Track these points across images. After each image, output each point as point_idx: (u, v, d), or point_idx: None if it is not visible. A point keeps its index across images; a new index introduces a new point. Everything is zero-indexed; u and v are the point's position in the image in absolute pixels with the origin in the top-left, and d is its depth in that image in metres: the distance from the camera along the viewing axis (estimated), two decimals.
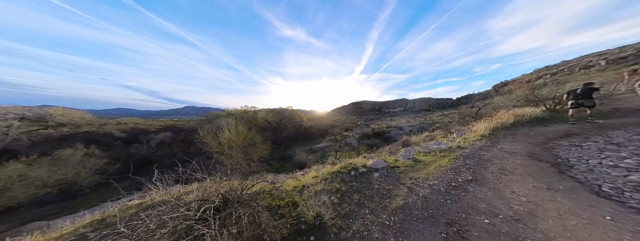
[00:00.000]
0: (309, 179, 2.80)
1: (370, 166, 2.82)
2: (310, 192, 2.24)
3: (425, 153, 3.22)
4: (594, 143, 2.74)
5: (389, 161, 3.16)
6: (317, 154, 14.38)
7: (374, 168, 2.75)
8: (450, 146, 3.34)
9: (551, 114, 5.33)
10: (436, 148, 3.33)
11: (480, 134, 3.81)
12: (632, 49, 17.10)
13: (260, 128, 22.62)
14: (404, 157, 3.09)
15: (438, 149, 3.22)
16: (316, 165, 5.68)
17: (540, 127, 4.06)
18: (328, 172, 2.86)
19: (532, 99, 6.26)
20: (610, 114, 4.93)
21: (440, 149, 3.18)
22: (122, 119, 20.02)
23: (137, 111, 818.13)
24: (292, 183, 3.00)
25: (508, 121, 4.63)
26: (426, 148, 3.57)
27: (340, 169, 2.80)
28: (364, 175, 2.54)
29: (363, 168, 2.81)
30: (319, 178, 2.77)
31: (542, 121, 4.65)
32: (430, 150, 3.30)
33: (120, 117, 21.18)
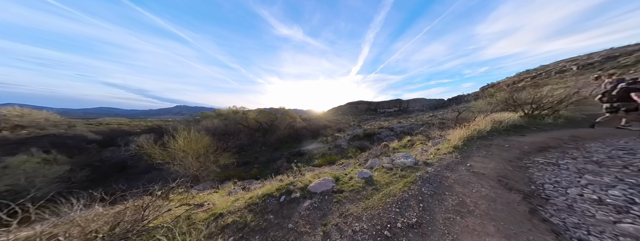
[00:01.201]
0: (241, 202, 2.27)
1: (309, 189, 2.31)
2: (217, 225, 1.72)
3: (388, 169, 2.73)
4: (572, 160, 2.32)
5: (341, 178, 2.65)
6: (304, 157, 13.82)
7: (313, 192, 2.24)
8: (417, 161, 2.85)
9: (529, 121, 5.00)
10: (402, 162, 2.84)
11: (453, 144, 3.36)
12: (598, 56, 18.31)
13: (251, 129, 21.84)
14: (360, 175, 2.59)
15: (403, 165, 2.74)
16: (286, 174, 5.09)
17: (517, 137, 3.66)
18: (261, 194, 2.34)
19: (511, 104, 5.95)
20: (586, 121, 4.64)
21: (405, 166, 2.69)
22: (104, 119, 18.74)
23: (122, 111, 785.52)
24: (223, 203, 2.45)
25: (485, 129, 4.23)
26: (392, 161, 3.09)
27: (273, 192, 2.28)
28: (292, 203, 2.02)
29: (300, 191, 2.29)
30: (249, 199, 2.26)
31: (519, 129, 4.28)
32: (394, 165, 2.81)
33: (103, 117, 19.87)
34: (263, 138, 19.79)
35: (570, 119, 4.83)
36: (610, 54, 17.70)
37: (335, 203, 1.87)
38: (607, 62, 16.37)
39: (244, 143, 17.14)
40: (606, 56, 17.51)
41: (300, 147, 17.83)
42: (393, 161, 3.13)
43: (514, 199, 1.54)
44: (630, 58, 14.07)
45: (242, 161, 13.79)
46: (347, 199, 1.92)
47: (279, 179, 4.32)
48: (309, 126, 26.83)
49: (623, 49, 17.55)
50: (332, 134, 21.55)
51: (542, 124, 4.65)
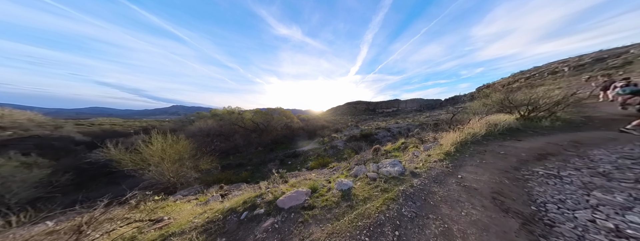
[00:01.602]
0: (204, 217, 1.96)
1: (277, 203, 2.00)
2: None
3: (371, 179, 2.42)
4: (575, 172, 2.02)
5: (319, 190, 2.35)
6: (299, 158, 13.46)
7: (280, 208, 1.93)
8: (404, 170, 2.55)
9: (525, 123, 4.72)
10: (387, 172, 2.54)
11: (445, 150, 3.06)
12: (588, 57, 18.72)
13: (247, 130, 21.46)
14: (339, 186, 2.28)
15: (388, 175, 2.43)
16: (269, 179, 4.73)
17: (513, 142, 3.37)
18: (226, 208, 2.04)
19: (506, 105, 5.67)
20: (584, 124, 4.37)
21: (390, 176, 2.39)
22: (97, 120, 18.30)
23: (116, 111, 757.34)
24: (185, 218, 2.13)
25: (479, 132, 3.94)
26: (378, 169, 2.78)
27: (238, 207, 1.97)
28: (252, 222, 1.73)
29: (266, 206, 1.98)
30: (213, 215, 1.94)
31: (515, 132, 3.99)
32: (379, 175, 2.50)
33: (96, 117, 19.41)
34: (259, 139, 19.43)
35: (568, 122, 4.56)
36: (599, 56, 18.09)
37: (300, 224, 1.56)
38: (596, 64, 16.62)
39: (239, 144, 16.75)
40: (596, 58, 17.86)
41: (297, 148, 17.50)
42: (379, 169, 2.82)
43: (511, 226, 1.23)
44: (618, 60, 14.33)
45: (235, 163, 13.41)
46: (314, 220, 1.60)
47: (259, 186, 3.98)
48: (306, 127, 26.50)
49: (611, 52, 17.96)
50: (329, 134, 21.24)
51: (539, 127, 4.37)
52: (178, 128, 16.32)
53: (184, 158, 5.08)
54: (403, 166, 2.83)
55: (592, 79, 9.44)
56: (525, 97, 5.47)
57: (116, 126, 17.19)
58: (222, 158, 15.12)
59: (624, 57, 14.62)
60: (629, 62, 13.08)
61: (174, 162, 4.76)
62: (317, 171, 7.46)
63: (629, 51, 15.42)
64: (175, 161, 4.81)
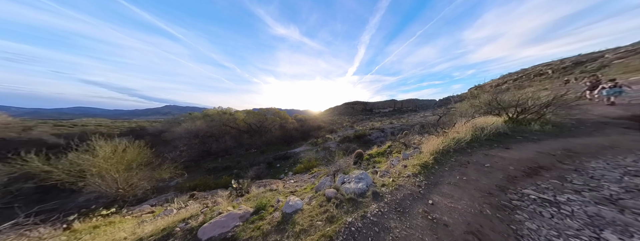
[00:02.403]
0: None
1: (197, 233, 1.52)
2: None
3: (327, 199, 1.91)
4: (576, 197, 1.53)
5: (264, 210, 1.84)
6: (289, 160, 12.87)
7: (198, 239, 1.41)
8: (367, 187, 2.04)
9: (513, 127, 4.30)
10: (348, 189, 2.03)
11: (423, 161, 2.57)
12: (569, 61, 19.98)
13: (240, 131, 20.72)
14: (285, 208, 1.78)
15: (347, 193, 1.92)
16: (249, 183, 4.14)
17: (500, 150, 2.91)
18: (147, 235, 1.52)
19: (495, 106, 5.27)
20: (575, 128, 3.97)
21: (347, 196, 1.88)
22: (81, 120, 17.26)
23: (103, 111, 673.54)
24: None
25: (464, 138, 3.48)
26: (342, 183, 2.27)
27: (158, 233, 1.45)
28: None
29: (183, 235, 1.48)
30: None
31: (503, 138, 3.54)
32: (337, 192, 1.99)
33: (81, 117, 18.36)
34: (251, 140, 18.74)
35: (558, 126, 4.16)
36: (578, 60, 19.09)
37: None
38: (576, 67, 17.54)
39: (229, 146, 16.04)
40: (575, 62, 18.88)
41: (289, 149, 16.89)
42: (342, 185, 2.30)
43: None
44: (594, 64, 15.27)
45: (222, 166, 12.71)
46: None
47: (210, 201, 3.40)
48: (300, 127, 25.91)
49: (588, 56, 19.01)
50: (323, 135, 20.71)
51: (528, 131, 3.95)
52: (166, 129, 15.50)
53: (133, 168, 4.38)
54: (371, 181, 2.32)
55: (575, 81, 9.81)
56: (514, 98, 5.08)
57: (102, 127, 16.26)
58: (211, 161, 14.40)
59: (600, 61, 15.62)
60: (605, 65, 13.88)
61: (123, 171, 4.10)
62: (297, 177, 6.91)
63: (604, 56, 16.38)
64: (124, 170, 4.15)
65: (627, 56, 13.90)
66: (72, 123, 15.02)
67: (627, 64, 12.11)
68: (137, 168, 4.54)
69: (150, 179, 4.78)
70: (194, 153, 13.97)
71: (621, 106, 5.50)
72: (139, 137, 15.70)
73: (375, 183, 2.24)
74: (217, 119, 17.36)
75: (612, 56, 15.38)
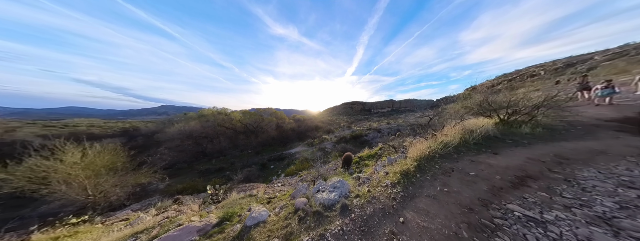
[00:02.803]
0: None
1: None
2: None
3: (295, 210, 1.71)
4: (565, 214, 1.33)
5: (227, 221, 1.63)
6: (284, 161, 12.63)
7: None
8: (339, 198, 1.83)
9: (504, 129, 4.13)
10: (319, 199, 1.82)
11: (404, 168, 2.37)
12: (561, 63, 20.61)
13: (235, 131, 20.42)
14: (249, 221, 1.57)
15: (317, 204, 1.71)
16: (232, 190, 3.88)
17: (488, 155, 2.73)
18: None
19: (486, 108, 5.11)
20: (566, 131, 3.82)
21: (314, 209, 1.67)
22: (73, 120, 16.81)
23: (97, 111, 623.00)
24: None
25: (453, 142, 3.29)
26: (316, 192, 2.07)
27: None
28: None
29: None
30: None
31: (492, 142, 3.36)
32: (307, 203, 1.78)
33: (73, 117, 17.89)
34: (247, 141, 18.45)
35: (549, 128, 4.00)
36: (569, 61, 19.76)
37: None
38: (567, 68, 18.06)
39: (223, 147, 15.73)
40: (567, 63, 19.51)
41: (284, 150, 16.64)
42: (317, 193, 2.09)
43: None
44: (584, 65, 15.70)
45: (215, 167, 12.42)
46: None
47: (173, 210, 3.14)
48: (298, 128, 25.68)
49: (579, 58, 19.71)
50: (320, 136, 20.50)
51: (519, 134, 3.79)
52: (159, 130, 15.12)
53: (105, 174, 4.07)
54: (348, 190, 2.11)
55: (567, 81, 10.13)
56: (505, 99, 4.92)
57: (94, 127, 15.88)
58: (205, 162, 14.08)
59: (590, 62, 16.15)
60: (594, 67, 14.26)
61: (93, 177, 3.80)
62: (287, 180, 6.68)
63: (593, 58, 16.96)
64: (94, 176, 3.86)
65: (615, 58, 14.29)
66: (63, 124, 14.56)
67: (615, 66, 12.49)
68: (109, 173, 4.25)
69: (125, 185, 4.49)
70: (187, 154, 13.65)
71: (612, 107, 5.39)
72: (132, 138, 15.34)
73: (350, 193, 2.03)
74: (212, 120, 17.04)
75: (601, 58, 15.86)
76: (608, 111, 5.18)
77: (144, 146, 14.10)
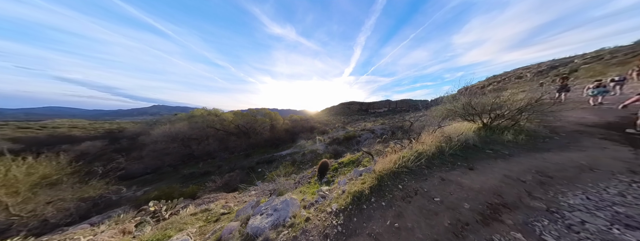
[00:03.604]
0: None
1: None
2: None
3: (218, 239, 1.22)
4: None
5: None
6: (273, 164, 12.09)
7: None
8: (281, 221, 1.38)
9: (485, 136, 3.75)
10: (251, 227, 1.36)
11: (360, 188, 1.92)
12: (545, 65, 21.58)
13: (226, 133, 19.75)
14: None
15: (243, 235, 1.24)
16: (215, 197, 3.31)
17: (462, 171, 2.28)
18: None
19: (469, 112, 4.75)
20: (550, 139, 3.47)
21: (242, 238, 1.20)
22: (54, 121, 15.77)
23: (82, 111, 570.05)
24: None
25: (427, 151, 2.89)
26: (258, 213, 1.60)
27: None
28: None
29: None
30: None
31: (470, 152, 2.94)
32: (238, 229, 1.31)
33: (54, 118, 16.85)
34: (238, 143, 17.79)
35: (531, 135, 3.65)
36: (552, 64, 20.87)
37: None
38: (551, 70, 18.98)
39: (213, 149, 15.05)
40: (550, 66, 20.57)
41: (276, 152, 16.08)
42: (256, 215, 1.63)
43: None
44: (566, 68, 16.65)
45: (201, 171, 11.78)
46: None
47: None
48: (292, 128, 25.12)
49: (561, 61, 20.88)
50: (313, 137, 20.04)
51: (501, 142, 3.41)
52: (144, 132, 14.32)
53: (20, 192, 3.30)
54: (289, 214, 1.66)
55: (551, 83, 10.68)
56: (489, 102, 4.56)
57: (77, 129, 14.93)
58: (192, 165, 13.37)
59: (570, 65, 17.08)
60: (575, 69, 15.03)
61: (15, 195, 3.14)
62: (265, 186, 6.16)
63: (573, 61, 18.13)
64: (15, 194, 3.19)
65: (592, 62, 15.24)
66: (41, 125, 13.52)
67: (593, 68, 13.33)
68: (44, 187, 3.59)
69: (64, 200, 3.83)
70: (174, 157, 12.91)
71: (593, 111, 5.16)
72: (115, 140, 14.42)
73: (290, 219, 1.58)
74: (201, 121, 16.31)
75: (580, 61, 16.98)
76: (590, 114, 4.93)
77: (128, 149, 13.28)
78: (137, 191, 8.92)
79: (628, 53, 13.06)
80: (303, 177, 5.67)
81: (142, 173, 11.33)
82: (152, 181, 10.73)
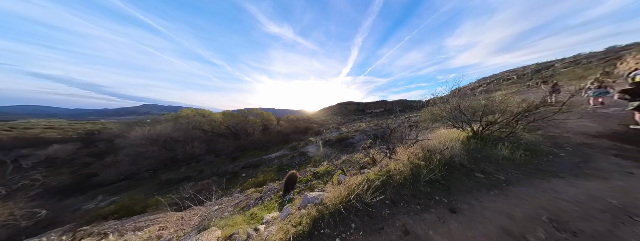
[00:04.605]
0: None
1: None
2: None
3: None
4: None
5: None
6: (259, 168, 11.23)
7: None
8: None
9: (476, 149, 3.00)
10: None
11: (282, 236, 1.17)
12: (529, 69, 22.46)
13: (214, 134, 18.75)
14: None
15: None
16: None
17: (438, 216, 1.47)
18: None
19: (458, 118, 3.99)
20: (554, 157, 2.70)
21: None
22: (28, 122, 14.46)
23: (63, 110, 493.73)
24: None
25: (401, 173, 2.14)
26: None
27: None
28: None
29: None
30: None
31: (456, 178, 2.10)
32: None
33: (28, 117, 15.61)
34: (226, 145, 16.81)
35: (533, 151, 2.92)
36: (536, 68, 21.77)
37: None
38: (535, 74, 19.57)
39: (198, 152, 14.06)
40: (534, 69, 21.33)
41: (265, 155, 15.19)
42: None
43: None
44: (548, 71, 17.59)
45: (181, 176, 10.83)
46: None
47: None
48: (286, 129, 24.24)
49: (543, 65, 22.19)
50: (306, 139, 19.25)
51: (494, 160, 2.66)
52: (121, 134, 13.23)
53: None
54: None
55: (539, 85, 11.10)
56: (479, 106, 3.79)
57: (53, 129, 13.69)
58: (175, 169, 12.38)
59: (552, 69, 17.69)
60: (556, 73, 15.47)
61: None
62: (231, 199, 5.33)
63: (554, 65, 19.37)
64: None
65: (570, 66, 16.42)
66: (11, 125, 12.17)
67: (574, 71, 14.30)
68: None
69: None
70: (155, 161, 11.89)
71: (591, 117, 4.55)
72: (90, 143, 13.27)
73: None
74: (185, 122, 15.28)
75: (560, 65, 18.08)
76: (589, 120, 4.32)
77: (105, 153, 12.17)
78: (102, 201, 7.92)
79: (601, 58, 14.66)
80: (270, 189, 4.86)
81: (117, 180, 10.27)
82: (125, 188, 9.70)
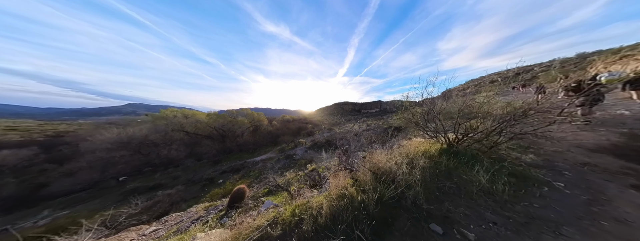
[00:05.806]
0: None
1: None
2: None
3: None
4: None
5: None
6: (240, 173, 10.29)
7: None
8: None
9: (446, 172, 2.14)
10: None
11: None
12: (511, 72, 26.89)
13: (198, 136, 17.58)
14: None
15: None
16: None
17: None
18: None
19: (428, 128, 3.21)
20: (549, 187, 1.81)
21: None
22: None
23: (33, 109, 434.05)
24: None
25: (320, 219, 1.39)
26: None
27: None
28: None
29: None
30: None
31: (399, 228, 1.24)
32: None
33: None
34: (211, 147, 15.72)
35: (518, 176, 2.08)
36: (518, 71, 25.73)
37: None
38: (516, 76, 23.98)
39: (176, 156, 12.96)
40: (516, 72, 25.70)
41: (250, 157, 14.23)
42: None
43: None
44: (527, 74, 19.13)
45: (151, 185, 9.75)
46: None
47: None
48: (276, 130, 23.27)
49: (524, 68, 23.88)
50: (295, 140, 18.39)
51: (467, 192, 1.78)
52: (89, 137, 11.95)
53: None
54: None
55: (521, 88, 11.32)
56: (457, 109, 3.01)
57: (15, 131, 12.25)
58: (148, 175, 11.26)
59: (532, 72, 19.22)
60: (536, 76, 16.45)
61: None
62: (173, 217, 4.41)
63: (533, 69, 21.00)
64: None
65: (547, 70, 17.83)
66: None
67: (550, 73, 15.25)
68: None
69: None
70: (127, 166, 10.75)
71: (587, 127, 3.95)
72: (52, 147, 11.92)
73: None
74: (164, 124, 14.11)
75: (539, 69, 19.66)
76: (581, 129, 3.73)
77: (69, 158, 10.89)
78: (46, 217, 6.79)
79: (572, 64, 16.12)
80: (216, 207, 4.00)
81: (74, 190, 9.05)
82: (83, 200, 8.54)
